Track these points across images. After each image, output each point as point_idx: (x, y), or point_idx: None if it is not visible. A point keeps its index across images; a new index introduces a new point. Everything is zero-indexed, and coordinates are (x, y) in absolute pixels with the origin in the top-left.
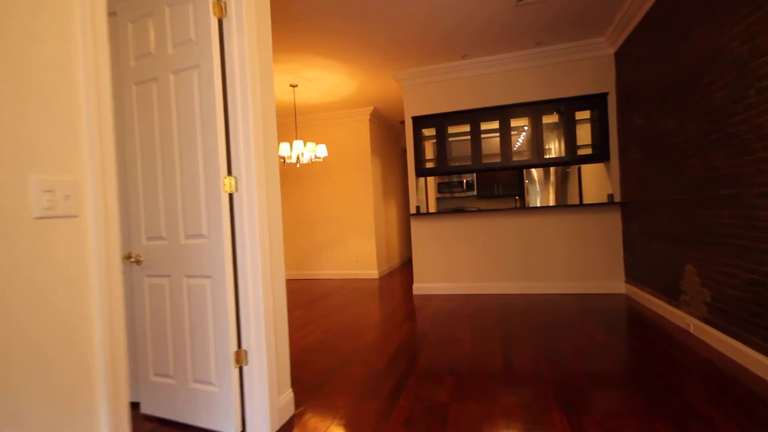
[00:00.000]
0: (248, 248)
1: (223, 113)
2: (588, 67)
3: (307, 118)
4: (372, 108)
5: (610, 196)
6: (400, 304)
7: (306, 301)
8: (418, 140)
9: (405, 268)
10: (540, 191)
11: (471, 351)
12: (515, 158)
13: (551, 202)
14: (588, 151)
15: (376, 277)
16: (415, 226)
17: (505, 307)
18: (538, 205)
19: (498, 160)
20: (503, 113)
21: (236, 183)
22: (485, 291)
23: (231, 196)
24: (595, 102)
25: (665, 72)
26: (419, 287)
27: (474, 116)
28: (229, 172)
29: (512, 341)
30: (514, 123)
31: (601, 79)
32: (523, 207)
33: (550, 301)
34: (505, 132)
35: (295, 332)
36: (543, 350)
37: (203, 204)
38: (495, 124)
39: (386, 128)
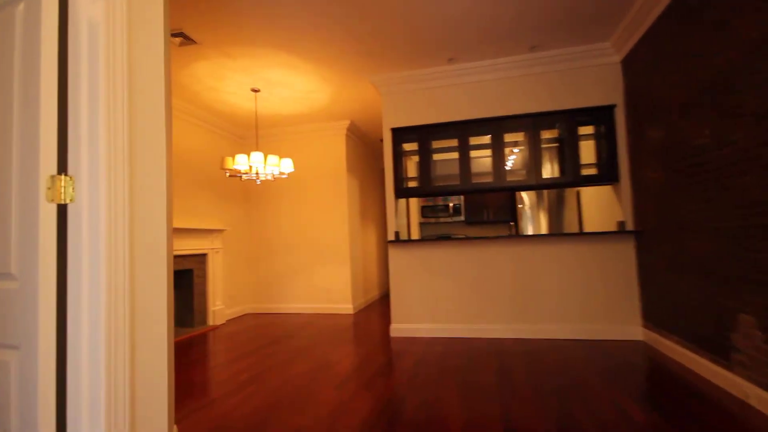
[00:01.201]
0: (87, 298)
1: (58, 73)
2: (591, 75)
3: (274, 132)
4: (349, 122)
5: (621, 224)
6: (375, 349)
7: (263, 344)
8: (398, 155)
9: (384, 301)
10: (532, 217)
11: (462, 429)
12: (509, 178)
13: (543, 230)
14: (593, 171)
15: (351, 312)
16: (394, 255)
17: (500, 356)
18: (531, 232)
19: (489, 179)
20: (496, 126)
21: (72, 187)
22: (474, 334)
23: (63, 208)
24: (601, 115)
25: (692, 74)
26: (398, 329)
27: (462, 129)
28: (63, 170)
29: (516, 412)
30: (507, 138)
31: (607, 90)
32: (517, 235)
33: (553, 348)
34: (497, 148)
35: (236, 394)
36: (558, 428)
37: (13, 222)
38: (486, 139)
39: (365, 146)
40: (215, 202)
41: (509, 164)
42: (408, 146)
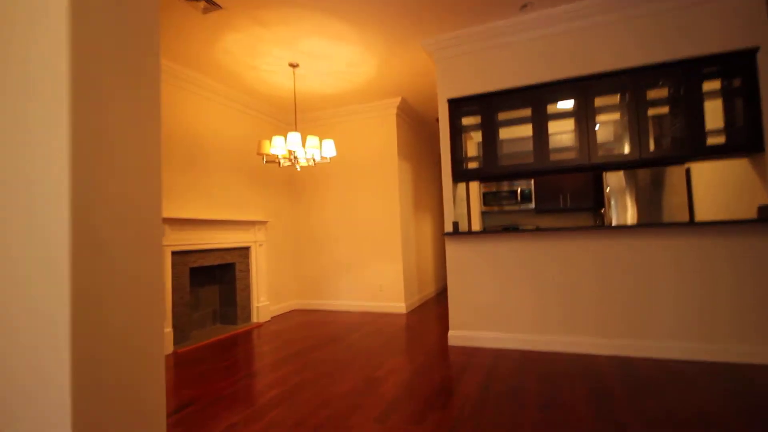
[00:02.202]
0: None
1: None
2: (716, 12)
3: (316, 116)
4: (399, 100)
5: (763, 209)
6: (430, 362)
7: (305, 347)
8: (456, 132)
9: (440, 299)
10: (618, 203)
11: None
12: (601, 153)
13: (631, 219)
14: (719, 139)
15: (403, 311)
16: (452, 249)
17: (591, 379)
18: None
19: (572, 156)
20: (582, 89)
21: None
22: (554, 347)
23: None
24: (734, 64)
25: None
26: (457, 336)
27: (536, 95)
28: None
29: None
30: (598, 102)
31: (744, 29)
32: (607, 225)
33: (662, 371)
34: (583, 116)
35: (258, 419)
36: None
37: None
38: (568, 105)
39: (419, 127)
40: (258, 192)
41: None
42: (468, 120)
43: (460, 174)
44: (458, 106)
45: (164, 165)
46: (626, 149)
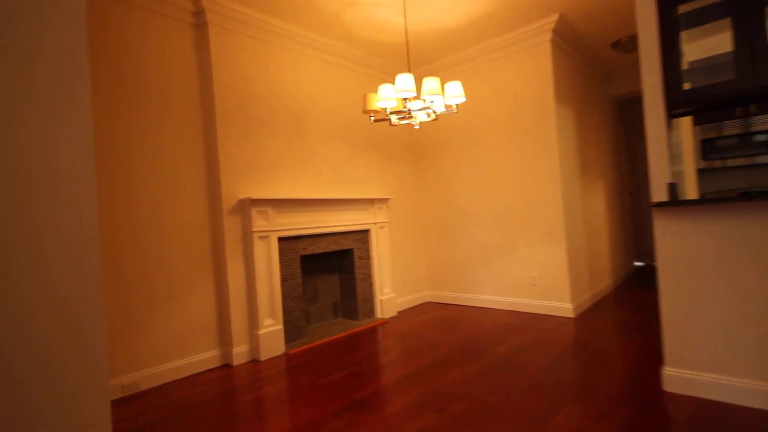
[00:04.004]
0: None
1: None
2: None
3: (435, 67)
4: (555, 19)
5: None
6: (637, 425)
7: (432, 364)
8: (669, 26)
9: (625, 296)
10: None
11: None
12: None
13: None
14: None
15: (570, 315)
16: (667, 231)
17: None
18: None
19: None
20: None
21: None
22: None
23: None
24: None
25: None
26: (678, 378)
27: None
28: None
29: None
30: None
31: None
32: None
33: None
34: None
35: None
36: None
37: None
38: None
39: (585, 59)
40: (375, 164)
41: None
42: (690, 6)
43: (681, 98)
44: None
45: (263, 138)
46: None
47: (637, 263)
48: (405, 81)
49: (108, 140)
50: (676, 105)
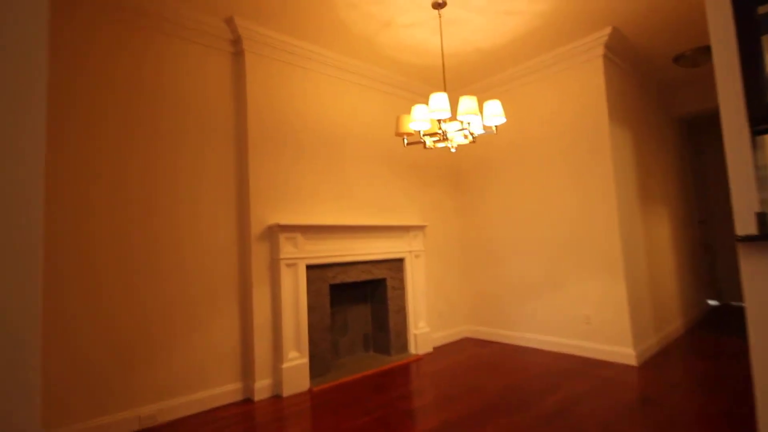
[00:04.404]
0: None
1: None
2: None
3: (473, 89)
4: (608, 33)
5: None
6: None
7: (467, 416)
8: (749, 26)
9: (698, 339)
10: None
11: None
12: None
13: None
14: None
15: (632, 362)
16: (761, 270)
17: None
18: None
19: None
20: None
21: None
22: None
23: None
24: None
25: None
26: None
27: None
28: None
29: None
30: None
31: None
32: None
33: None
34: None
35: None
36: None
37: None
38: None
39: (643, 76)
40: (412, 191)
41: None
42: None
43: (765, 114)
44: None
45: (295, 163)
46: None
47: (711, 302)
48: (439, 100)
49: (146, 169)
50: (760, 120)
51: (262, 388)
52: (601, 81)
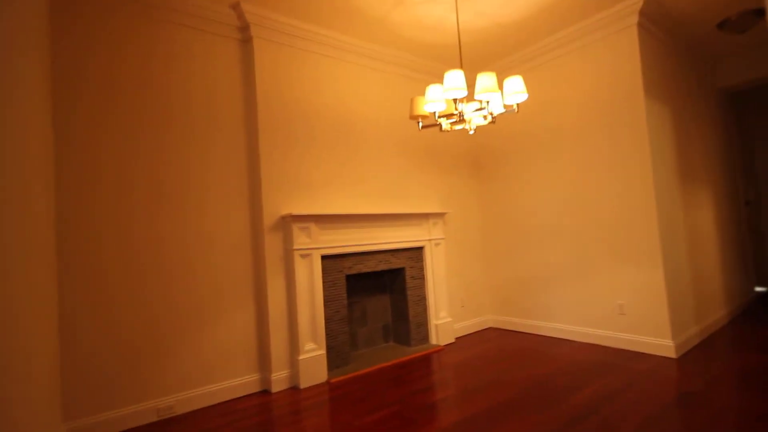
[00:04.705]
0: None
1: None
2: None
3: (495, 67)
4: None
5: None
6: None
7: (489, 409)
8: None
9: (744, 329)
10: None
11: None
12: None
13: None
14: None
15: (671, 354)
16: None
17: None
18: None
19: None
20: None
21: None
22: None
23: None
24: None
25: None
26: None
27: None
28: None
29: None
30: None
31: None
32: None
33: None
34: None
35: None
36: None
37: None
38: None
39: (683, 45)
40: (430, 177)
41: None
42: None
43: None
44: None
45: (308, 151)
46: None
47: (759, 288)
48: (454, 78)
49: (153, 163)
50: None
51: (279, 379)
52: (635, 52)
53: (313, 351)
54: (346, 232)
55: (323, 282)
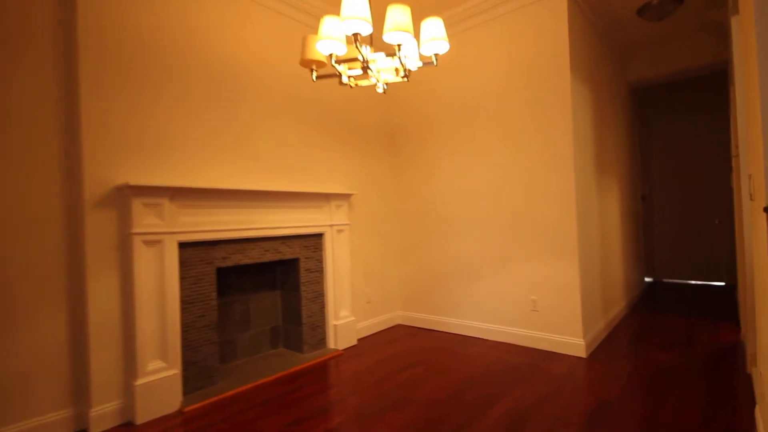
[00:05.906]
0: None
1: None
2: None
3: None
4: None
5: None
6: None
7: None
8: None
9: (642, 322)
10: None
11: None
12: None
13: None
14: None
15: (581, 353)
16: None
17: None
18: None
19: None
20: None
21: None
22: None
23: None
24: None
25: None
26: None
27: None
28: None
29: None
30: None
31: None
32: None
33: None
34: None
35: None
36: None
37: None
38: None
39: (604, 28)
40: (336, 152)
41: None
42: None
43: None
44: None
45: (167, 102)
46: None
47: (648, 279)
48: (355, 5)
49: None
50: None
51: (103, 415)
52: (564, 30)
53: (160, 371)
54: (220, 212)
55: (181, 278)
